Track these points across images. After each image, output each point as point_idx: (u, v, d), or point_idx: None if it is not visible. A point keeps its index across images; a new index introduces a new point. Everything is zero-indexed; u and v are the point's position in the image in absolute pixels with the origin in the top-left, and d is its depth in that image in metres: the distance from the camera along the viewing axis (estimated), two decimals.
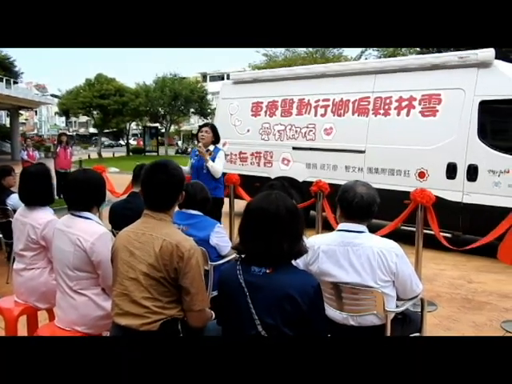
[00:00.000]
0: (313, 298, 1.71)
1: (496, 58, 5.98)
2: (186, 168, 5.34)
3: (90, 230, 2.54)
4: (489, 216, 5.49)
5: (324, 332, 1.78)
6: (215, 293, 2.57)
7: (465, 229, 6.17)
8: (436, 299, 4.67)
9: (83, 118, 55.42)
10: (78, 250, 2.50)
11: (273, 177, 8.07)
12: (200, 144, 5.18)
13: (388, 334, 2.43)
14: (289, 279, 1.73)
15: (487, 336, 3.70)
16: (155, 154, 36.76)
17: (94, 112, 35.66)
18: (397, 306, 2.55)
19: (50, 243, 2.77)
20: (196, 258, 2.13)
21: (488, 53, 5.92)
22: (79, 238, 2.51)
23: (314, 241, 2.58)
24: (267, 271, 1.76)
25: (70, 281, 2.56)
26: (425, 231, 4.64)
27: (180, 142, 50.14)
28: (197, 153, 5.28)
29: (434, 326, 4.03)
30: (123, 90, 33.92)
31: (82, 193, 2.60)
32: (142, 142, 40.91)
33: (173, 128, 46.46)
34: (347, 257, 2.43)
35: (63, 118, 60.08)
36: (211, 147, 5.24)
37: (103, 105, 32.92)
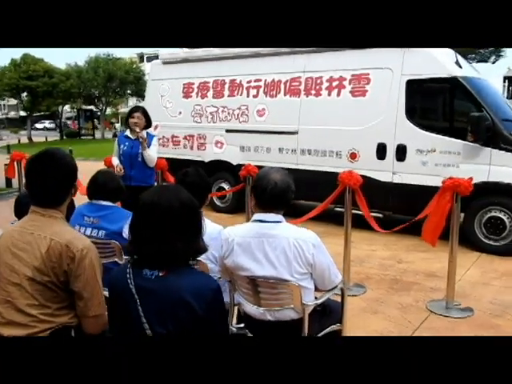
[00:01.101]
0: (210, 301, 1.53)
1: None
2: (115, 160, 4.98)
3: None
4: (417, 195, 5.56)
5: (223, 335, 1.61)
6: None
7: (395, 208, 6.26)
8: (366, 281, 4.69)
9: (12, 101, 52.18)
10: None
11: (206, 160, 7.87)
12: (139, 130, 4.78)
13: (306, 328, 2.32)
14: (184, 282, 1.53)
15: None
16: (91, 137, 35.37)
17: (23, 94, 33.58)
18: (316, 298, 2.44)
19: None
20: (90, 259, 1.90)
21: None
22: None
23: (228, 232, 2.40)
24: (160, 274, 1.55)
25: None
26: (356, 212, 4.62)
27: (118, 125, 48.46)
28: (126, 140, 4.92)
29: (362, 309, 4.02)
30: (52, 71, 32.19)
31: None
32: (76, 125, 39.20)
33: (109, 110, 44.73)
34: (262, 249, 2.27)
35: None
36: (144, 133, 4.87)
37: (31, 86, 31.12)
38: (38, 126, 52.21)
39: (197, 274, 1.62)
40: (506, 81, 27.44)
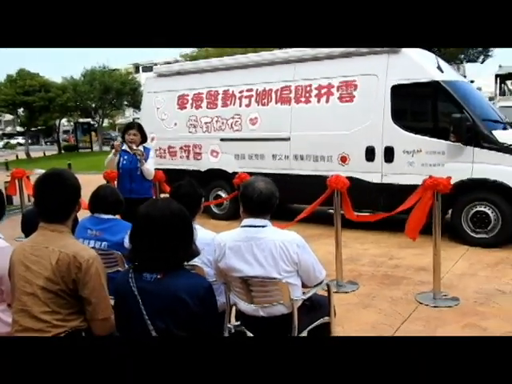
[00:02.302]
0: (203, 298, 1.76)
1: None
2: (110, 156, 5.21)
3: None
4: (406, 194, 5.76)
5: (215, 329, 1.84)
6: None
7: (385, 208, 6.46)
8: (358, 278, 4.91)
9: (9, 117, 52.55)
10: None
11: (203, 170, 8.09)
12: (135, 148, 5.00)
13: (295, 321, 2.54)
14: (179, 283, 1.76)
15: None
16: (89, 150, 35.57)
17: (19, 110, 33.83)
18: (304, 293, 2.66)
19: None
20: (95, 267, 2.12)
21: None
22: None
23: (220, 238, 2.64)
24: (158, 277, 1.79)
25: None
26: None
27: (116, 142, 48.62)
28: (125, 154, 5.11)
29: (355, 304, 4.24)
30: (49, 86, 32.38)
31: None
32: (73, 139, 39.55)
33: (107, 122, 45.01)
34: (251, 251, 2.50)
35: None
36: (141, 148, 5.11)
37: (28, 102, 31.29)
38: (12, 141, 52.98)
39: (190, 275, 1.85)
40: (498, 78, 27.68)
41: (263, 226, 2.53)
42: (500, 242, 5.72)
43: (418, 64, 6.15)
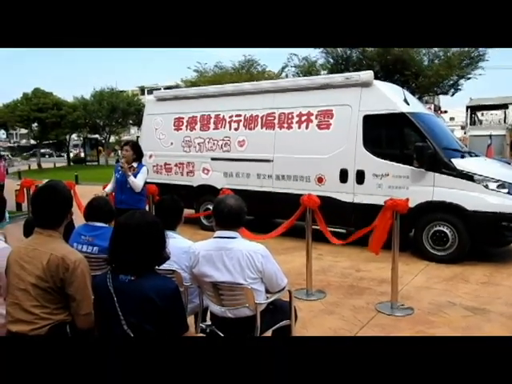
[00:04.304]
0: (170, 298, 1.88)
1: (375, 78, 6.53)
2: (109, 187, 5.37)
3: None
4: (375, 213, 5.91)
5: (180, 327, 1.95)
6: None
7: (356, 225, 6.58)
8: (326, 288, 5.01)
9: (24, 130, 52.46)
10: None
11: (195, 185, 8.23)
12: (123, 160, 5.19)
13: (258, 322, 2.65)
14: (149, 284, 1.88)
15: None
16: (96, 163, 35.69)
17: (33, 125, 33.93)
18: (267, 298, 2.77)
19: None
20: (81, 269, 2.23)
21: (368, 74, 6.48)
22: None
23: (195, 247, 2.75)
24: (132, 278, 1.90)
25: None
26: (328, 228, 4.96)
27: (120, 152, 48.70)
28: (119, 168, 5.29)
29: (320, 311, 4.35)
30: (61, 104, 32.58)
31: None
32: (82, 153, 39.79)
33: (113, 138, 45.11)
34: (221, 259, 2.62)
35: (3, 130, 56.53)
36: (135, 164, 5.24)
37: (41, 118, 31.46)
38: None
39: (159, 278, 1.97)
40: (468, 109, 28.14)
41: (233, 238, 2.65)
42: (456, 259, 5.87)
43: (387, 97, 6.38)
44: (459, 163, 5.96)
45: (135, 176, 5.13)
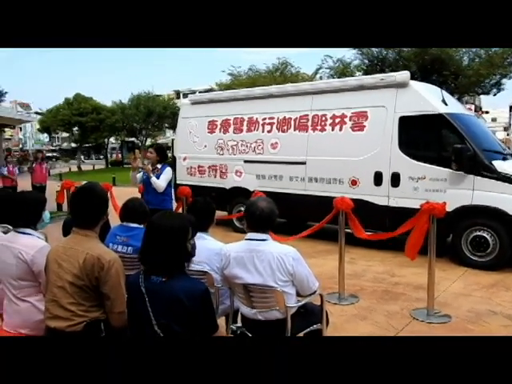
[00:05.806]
0: (199, 300, 1.89)
1: (411, 78, 6.38)
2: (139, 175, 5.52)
3: (30, 244, 2.65)
4: (410, 217, 5.78)
5: (210, 328, 1.96)
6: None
7: (391, 229, 6.44)
8: (359, 292, 4.92)
9: (65, 134, 54.47)
10: (20, 262, 2.61)
11: (228, 187, 8.29)
12: (146, 162, 5.38)
13: (289, 325, 2.63)
14: (179, 285, 1.90)
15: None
16: None
17: (74, 128, 35.22)
18: (299, 301, 2.75)
19: None
20: (115, 268, 2.28)
21: (404, 75, 6.33)
22: (21, 252, 2.62)
23: (227, 249, 2.76)
24: (163, 280, 1.93)
25: (14, 289, 2.67)
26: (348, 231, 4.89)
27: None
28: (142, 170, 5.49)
29: (353, 316, 4.27)
30: (100, 108, 33.73)
31: (19, 213, 2.72)
32: (120, 155, 40.77)
33: (149, 141, 46.12)
34: (252, 261, 2.62)
35: (46, 134, 59.02)
36: (159, 165, 5.43)
37: (81, 122, 32.68)
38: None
39: (189, 279, 1.99)
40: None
41: (264, 240, 2.65)
42: (497, 265, 5.63)
43: (424, 97, 6.20)
44: (501, 166, 5.72)
45: (158, 177, 5.30)
